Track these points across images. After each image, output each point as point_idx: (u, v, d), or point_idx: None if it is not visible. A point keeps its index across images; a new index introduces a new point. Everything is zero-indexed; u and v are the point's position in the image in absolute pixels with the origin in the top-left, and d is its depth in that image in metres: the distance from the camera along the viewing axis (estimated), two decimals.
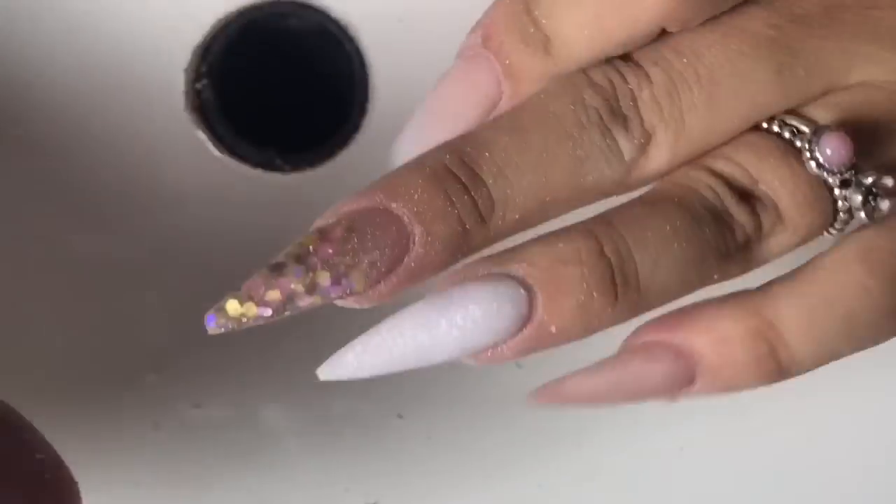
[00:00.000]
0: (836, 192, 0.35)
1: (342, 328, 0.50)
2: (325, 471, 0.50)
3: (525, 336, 0.35)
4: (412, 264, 0.34)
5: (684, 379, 0.37)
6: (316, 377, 0.50)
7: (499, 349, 0.35)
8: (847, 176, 0.35)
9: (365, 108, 0.48)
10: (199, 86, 0.49)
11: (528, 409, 0.50)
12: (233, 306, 0.33)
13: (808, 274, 0.36)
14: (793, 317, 0.36)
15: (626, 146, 0.35)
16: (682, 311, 0.37)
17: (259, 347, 0.50)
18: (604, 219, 0.35)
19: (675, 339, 0.37)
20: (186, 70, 0.49)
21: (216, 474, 0.50)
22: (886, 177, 0.36)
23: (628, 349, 0.37)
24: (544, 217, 0.35)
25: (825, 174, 0.35)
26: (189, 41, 0.48)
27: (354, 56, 0.48)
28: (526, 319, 0.35)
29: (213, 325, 0.34)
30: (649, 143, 0.35)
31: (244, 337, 0.50)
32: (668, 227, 0.34)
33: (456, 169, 0.34)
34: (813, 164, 0.35)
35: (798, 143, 0.35)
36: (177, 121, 0.49)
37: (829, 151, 0.35)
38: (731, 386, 0.37)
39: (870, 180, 0.36)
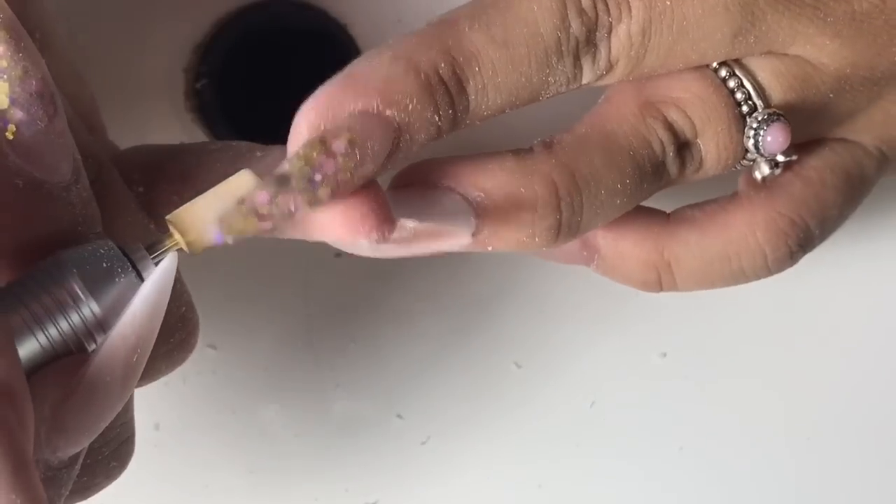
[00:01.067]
0: (751, 155, 0.40)
1: (342, 328, 0.50)
2: (325, 471, 0.50)
3: (463, 245, 0.38)
4: (388, 165, 0.36)
5: (583, 260, 0.43)
6: (316, 377, 0.50)
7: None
8: (769, 157, 0.40)
9: None
10: (199, 86, 0.49)
11: (528, 409, 0.50)
12: (238, 222, 0.34)
13: (717, 226, 0.42)
14: (691, 266, 0.42)
15: (588, 74, 0.38)
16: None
17: (259, 348, 0.50)
18: (567, 167, 0.38)
19: (589, 238, 0.43)
20: (186, 70, 0.49)
21: (216, 474, 0.50)
22: (794, 155, 0.41)
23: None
24: (500, 114, 0.38)
25: (755, 152, 0.40)
26: (189, 41, 0.48)
27: (354, 56, 0.48)
28: (471, 236, 0.38)
29: (218, 241, 0.34)
30: (608, 73, 0.38)
31: (244, 338, 0.50)
32: (618, 185, 0.39)
33: (447, 79, 0.36)
34: (751, 142, 0.40)
35: (746, 109, 0.40)
36: (177, 121, 0.49)
37: (769, 139, 0.39)
38: (618, 280, 0.44)
39: (782, 158, 0.41)
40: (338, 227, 0.36)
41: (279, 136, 0.48)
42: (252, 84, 0.50)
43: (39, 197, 0.33)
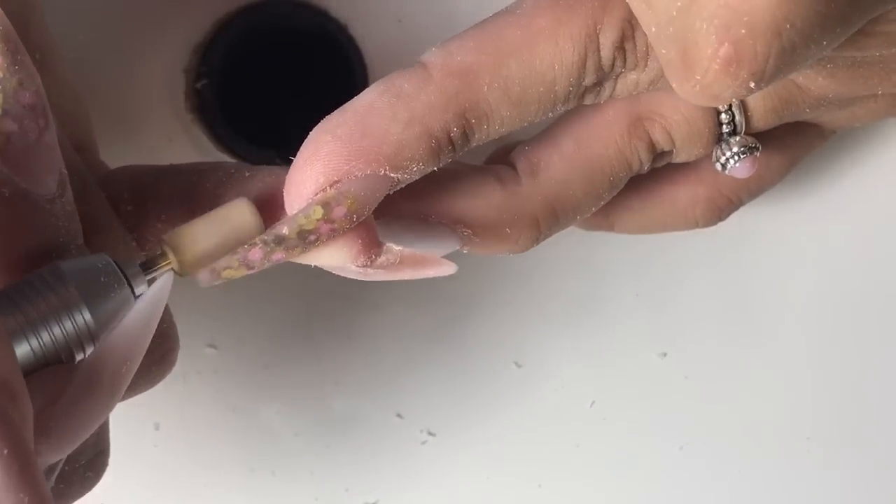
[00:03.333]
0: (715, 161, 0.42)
1: (342, 328, 0.50)
2: (325, 471, 0.50)
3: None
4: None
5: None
6: (316, 377, 0.50)
7: None
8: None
9: None
10: (199, 86, 0.49)
11: (528, 409, 0.50)
12: (229, 273, 0.36)
13: (661, 197, 0.45)
14: (629, 226, 0.45)
15: (586, 102, 0.39)
16: None
17: (259, 348, 0.50)
18: (550, 204, 0.40)
19: None
20: (186, 70, 0.49)
21: (216, 474, 0.50)
22: (758, 150, 0.42)
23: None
24: None
25: (721, 170, 0.42)
26: (189, 41, 0.48)
27: (354, 56, 0.48)
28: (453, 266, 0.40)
29: (205, 285, 0.36)
30: (604, 101, 0.39)
31: (244, 338, 0.50)
32: (593, 208, 0.41)
33: (456, 139, 0.37)
34: (719, 164, 0.41)
35: (726, 130, 0.40)
36: (177, 121, 0.49)
37: (738, 166, 0.41)
38: None
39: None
40: (325, 252, 0.37)
41: (279, 135, 0.49)
42: (252, 84, 0.50)
43: (25, 208, 0.33)
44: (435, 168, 0.37)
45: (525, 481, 0.51)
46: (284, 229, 0.35)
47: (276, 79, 0.50)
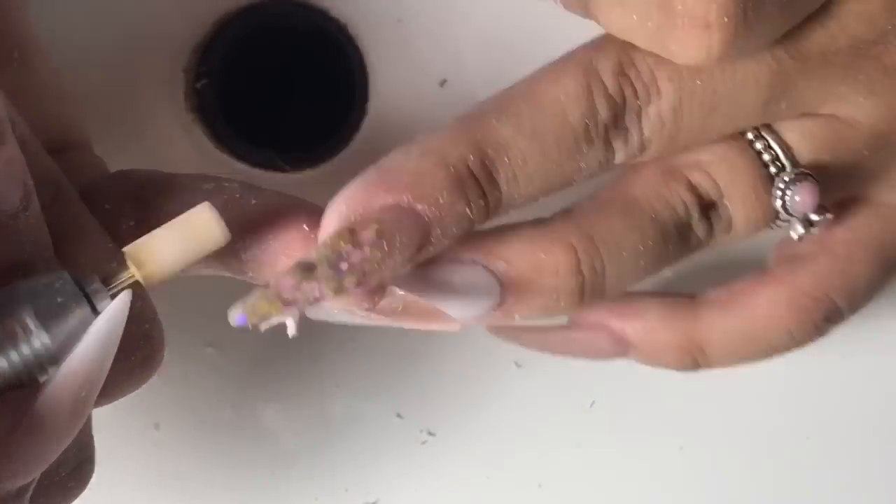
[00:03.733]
0: (782, 217, 0.40)
1: (342, 328, 0.50)
2: (325, 471, 0.50)
3: (492, 317, 0.39)
4: (419, 258, 0.36)
5: (618, 353, 0.45)
6: (316, 377, 0.50)
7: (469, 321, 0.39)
8: (799, 217, 0.40)
9: (364, 108, 0.48)
10: (199, 86, 0.49)
11: (528, 410, 0.50)
12: (263, 307, 0.34)
13: (741, 307, 0.43)
14: (720, 346, 0.43)
15: (621, 155, 0.38)
16: (627, 302, 0.44)
17: (259, 348, 0.50)
18: (585, 231, 0.38)
19: (616, 327, 0.45)
20: (186, 70, 0.49)
21: (216, 474, 0.50)
22: (829, 213, 0.40)
23: (578, 324, 0.45)
24: (534, 201, 0.38)
25: (785, 213, 0.39)
26: (189, 41, 0.48)
27: (354, 56, 0.48)
28: (496, 305, 0.38)
29: (241, 323, 0.35)
30: (641, 153, 0.38)
31: (244, 338, 0.50)
32: (640, 247, 0.39)
33: (477, 171, 0.36)
34: (779, 202, 0.39)
35: (773, 170, 0.39)
36: (177, 121, 0.49)
37: (797, 199, 0.39)
38: (657, 367, 0.45)
39: (816, 217, 0.40)
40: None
41: (279, 135, 0.49)
42: (252, 84, 0.50)
43: None
44: (467, 209, 0.36)
45: (525, 481, 0.51)
46: (313, 254, 0.35)
47: (276, 79, 0.50)
